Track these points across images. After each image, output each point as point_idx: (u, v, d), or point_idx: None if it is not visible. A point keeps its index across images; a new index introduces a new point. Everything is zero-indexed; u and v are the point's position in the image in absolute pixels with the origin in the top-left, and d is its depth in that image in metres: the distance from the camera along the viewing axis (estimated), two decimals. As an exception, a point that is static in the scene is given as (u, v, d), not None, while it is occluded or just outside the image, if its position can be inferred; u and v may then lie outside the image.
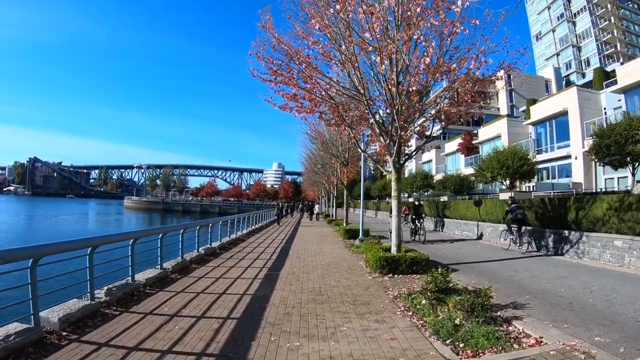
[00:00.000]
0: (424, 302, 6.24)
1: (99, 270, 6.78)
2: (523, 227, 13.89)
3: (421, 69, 8.04)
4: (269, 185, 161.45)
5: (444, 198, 28.73)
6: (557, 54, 77.91)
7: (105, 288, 6.47)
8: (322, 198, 51.92)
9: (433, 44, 7.89)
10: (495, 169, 21.96)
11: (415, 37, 7.56)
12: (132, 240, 7.27)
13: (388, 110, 9.46)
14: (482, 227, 18.38)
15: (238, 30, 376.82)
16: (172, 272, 8.87)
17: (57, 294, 5.87)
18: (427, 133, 10.81)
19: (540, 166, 29.10)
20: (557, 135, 28.78)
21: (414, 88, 8.44)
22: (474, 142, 38.95)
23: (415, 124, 10.59)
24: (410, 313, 5.99)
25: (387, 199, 46.11)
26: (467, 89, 9.64)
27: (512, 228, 14.07)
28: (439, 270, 6.86)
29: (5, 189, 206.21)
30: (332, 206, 35.90)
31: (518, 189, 24.32)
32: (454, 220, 21.90)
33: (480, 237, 18.19)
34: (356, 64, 8.75)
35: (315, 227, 28.60)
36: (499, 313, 5.75)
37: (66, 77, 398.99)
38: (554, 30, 79.19)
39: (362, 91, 9.26)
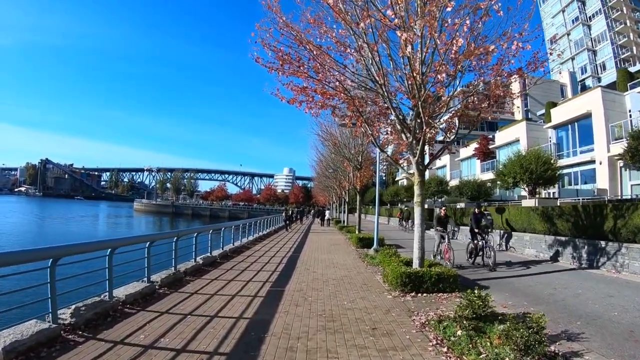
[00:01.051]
0: (459, 332, 4.98)
1: (70, 284, 5.77)
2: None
3: (452, 51, 6.80)
4: (279, 190, 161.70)
5: (461, 205, 27.41)
6: (572, 58, 75.96)
7: (73, 307, 5.36)
8: (333, 203, 51.09)
9: (468, 22, 6.70)
10: (518, 174, 20.63)
11: (449, 8, 6.37)
12: (109, 249, 6.14)
13: (411, 104, 8.24)
14: (505, 236, 16.99)
15: (241, 31, 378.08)
16: (160, 286, 7.73)
17: (16, 313, 4.84)
18: (454, 131, 9.59)
19: (562, 172, 27.63)
20: (579, 139, 27.46)
21: (442, 75, 7.25)
22: (490, 146, 37.62)
23: (441, 120, 9.38)
24: (445, 349, 4.75)
25: (400, 205, 44.95)
26: (499, 80, 8.45)
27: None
28: (476, 291, 5.58)
29: (16, 190, 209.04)
30: (344, 212, 34.67)
31: (539, 196, 22.97)
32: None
33: (505, 248, 16.75)
34: (375, 48, 7.56)
35: (326, 233, 27.47)
36: (552, 347, 4.59)
37: (78, 80, 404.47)
38: (568, 34, 77.32)
39: (380, 82, 8.07)
